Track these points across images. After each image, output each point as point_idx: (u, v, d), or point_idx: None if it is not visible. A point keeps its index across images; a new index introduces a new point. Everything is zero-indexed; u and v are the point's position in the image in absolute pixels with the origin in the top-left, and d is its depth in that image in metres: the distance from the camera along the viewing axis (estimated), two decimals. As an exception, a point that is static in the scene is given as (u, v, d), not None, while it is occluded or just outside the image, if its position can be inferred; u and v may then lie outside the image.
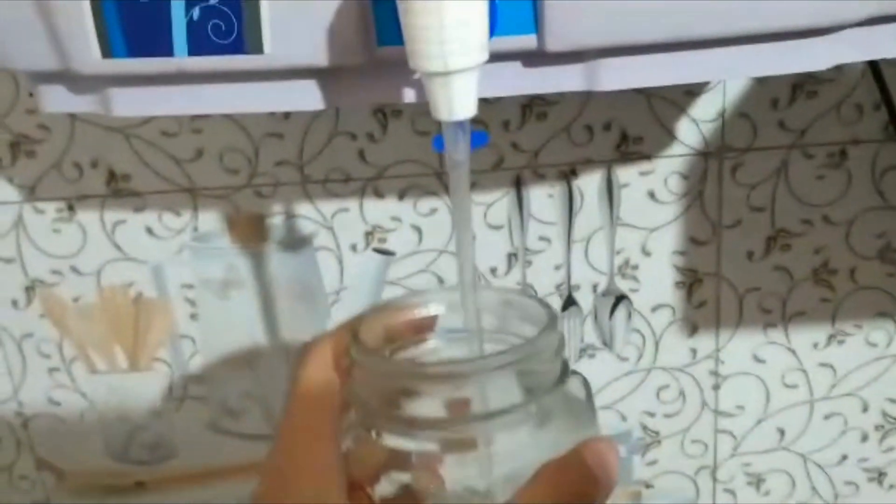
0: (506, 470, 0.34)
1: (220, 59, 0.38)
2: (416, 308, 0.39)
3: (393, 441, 0.34)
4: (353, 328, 0.36)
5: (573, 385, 0.38)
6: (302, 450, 0.35)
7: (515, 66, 0.40)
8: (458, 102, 0.33)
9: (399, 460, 0.35)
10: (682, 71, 0.41)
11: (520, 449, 0.34)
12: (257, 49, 0.38)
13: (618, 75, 0.40)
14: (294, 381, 0.36)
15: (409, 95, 0.40)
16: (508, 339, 0.38)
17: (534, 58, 0.39)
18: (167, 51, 0.38)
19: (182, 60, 0.38)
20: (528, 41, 0.38)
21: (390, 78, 0.39)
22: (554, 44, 0.38)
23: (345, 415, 0.36)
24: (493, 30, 0.37)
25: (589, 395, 0.38)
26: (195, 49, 0.38)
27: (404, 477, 0.35)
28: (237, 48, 0.38)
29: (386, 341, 0.38)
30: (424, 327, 0.39)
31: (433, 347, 0.39)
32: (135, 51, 0.38)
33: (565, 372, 0.35)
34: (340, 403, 0.36)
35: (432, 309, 0.39)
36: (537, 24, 0.38)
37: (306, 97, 0.40)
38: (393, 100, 0.40)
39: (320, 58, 0.38)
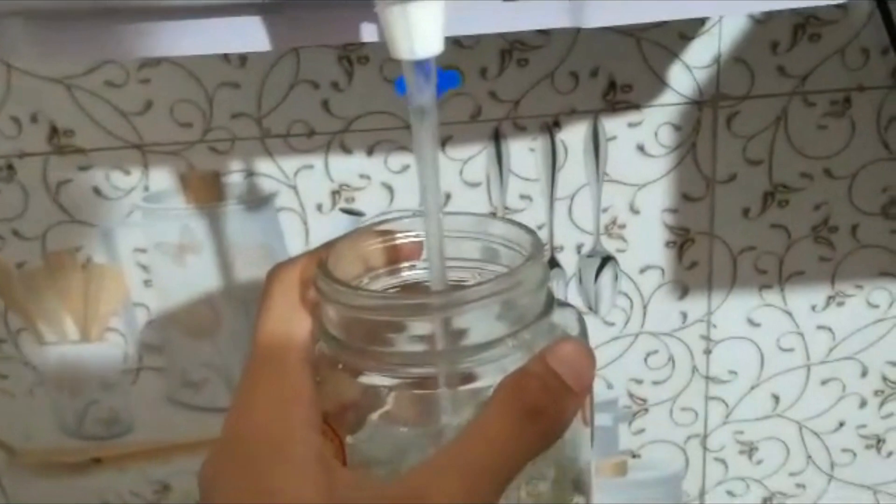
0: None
1: (146, -9, 0.33)
2: (398, 233, 0.36)
3: (364, 378, 0.32)
4: (320, 256, 0.33)
5: (567, 318, 0.35)
6: (269, 382, 0.32)
7: (493, 2, 0.35)
8: (419, 37, 0.28)
9: (371, 398, 0.33)
10: (677, 5, 0.36)
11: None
12: (189, -21, 0.32)
13: (606, 10, 0.35)
14: (258, 312, 0.33)
15: (370, 34, 0.35)
16: (491, 268, 0.36)
17: (511, -10, 0.34)
18: (85, -18, 0.33)
19: (103, -6, 0.33)
20: (503, -31, 0.33)
21: (347, 13, 0.34)
22: (533, -28, 0.33)
23: (314, 347, 0.33)
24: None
25: (583, 329, 0.35)
26: (117, -20, 0.33)
27: (376, 415, 0.33)
28: (165, -22, 0.32)
29: (365, 269, 0.36)
30: (408, 253, 0.36)
31: (419, 275, 0.37)
32: (48, -17, 0.33)
33: (550, 304, 0.33)
34: (310, 336, 0.33)
35: (416, 234, 0.36)
36: (514, -51, 0.33)
37: (250, 37, 0.35)
38: (347, 39, 0.35)
39: (262, -10, 0.33)
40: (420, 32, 0.28)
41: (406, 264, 0.37)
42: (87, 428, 0.66)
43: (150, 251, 0.61)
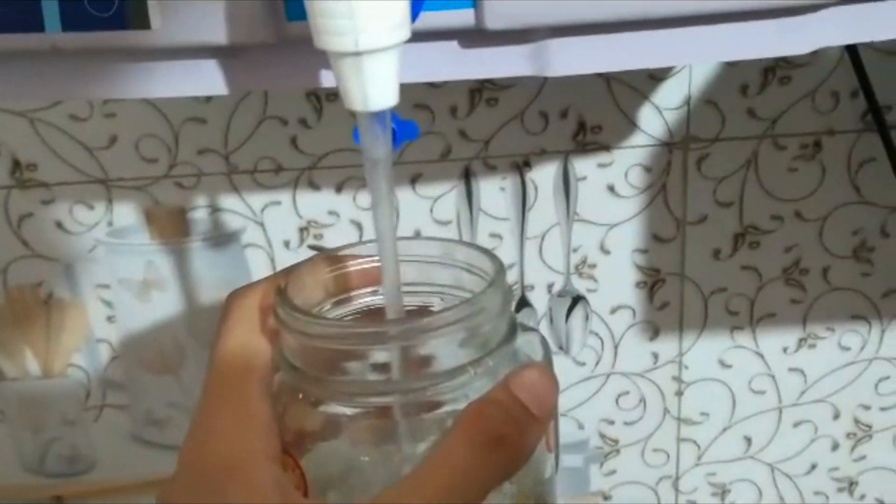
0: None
1: (99, 35, 0.32)
2: (359, 258, 0.35)
3: (324, 407, 0.31)
4: (279, 283, 0.32)
5: (531, 343, 0.35)
6: (227, 410, 0.31)
7: (451, 47, 0.34)
8: (373, 89, 0.27)
9: (331, 427, 0.32)
10: (643, 55, 0.36)
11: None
12: (142, 24, 0.32)
13: (570, 59, 0.35)
14: (216, 337, 0.32)
15: (328, 79, 0.34)
16: (455, 293, 0.35)
17: (473, 37, 0.34)
18: (37, 25, 0.32)
19: (55, 36, 0.32)
20: (464, 17, 0.33)
21: (304, 59, 0.34)
22: (494, 21, 0.32)
23: (273, 375, 0.33)
24: (422, 3, 0.31)
25: (547, 354, 0.35)
26: (70, 24, 0.32)
27: (337, 444, 0.32)
28: (118, 23, 0.32)
29: (326, 294, 0.35)
30: (370, 278, 0.35)
31: (381, 300, 0.35)
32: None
33: (513, 329, 0.32)
34: (269, 364, 0.32)
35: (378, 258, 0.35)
36: (474, -2, 0.32)
37: (206, 80, 0.34)
38: (308, 84, 0.34)
39: (219, 35, 0.32)
40: (374, 84, 0.27)
41: (368, 289, 0.36)
42: (48, 465, 0.65)
43: (114, 287, 0.60)
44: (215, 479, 0.29)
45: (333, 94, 0.55)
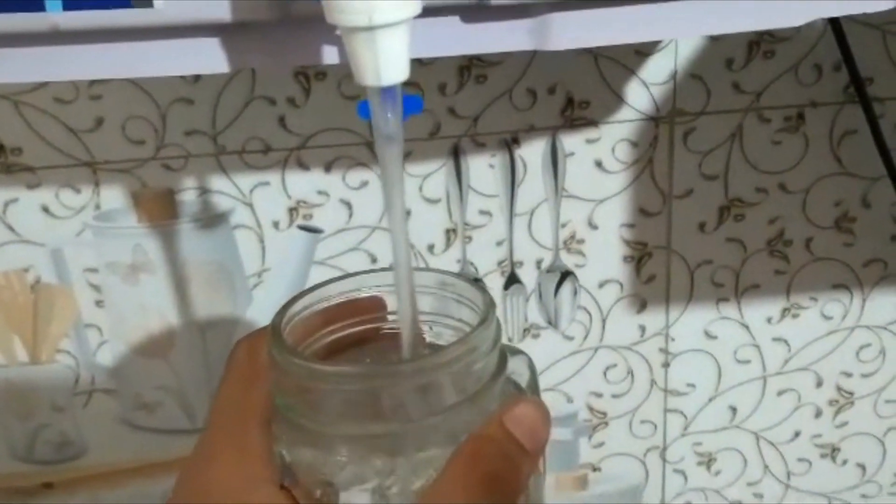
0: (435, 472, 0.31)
1: (101, 14, 0.32)
2: (353, 291, 0.35)
3: (313, 448, 0.31)
4: (273, 322, 0.32)
5: (517, 365, 0.35)
6: (226, 443, 0.31)
7: (453, 22, 0.35)
8: (386, 64, 0.27)
9: (327, 465, 0.31)
10: (637, 29, 0.36)
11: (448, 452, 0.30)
12: (145, 2, 0.32)
13: (569, 33, 0.35)
14: (221, 379, 0.33)
15: (331, 56, 0.35)
16: (445, 321, 0.35)
17: (474, 12, 0.34)
18: (38, 5, 0.32)
19: (56, 16, 0.32)
20: (467, -8, 0.33)
21: (308, 36, 0.34)
22: (497, -5, 0.33)
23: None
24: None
25: (533, 377, 0.35)
26: (71, 3, 0.32)
27: (334, 481, 0.31)
28: (121, 1, 0.32)
29: (324, 323, 0.34)
30: (366, 308, 0.35)
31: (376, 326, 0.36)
32: (-2, 4, 0.32)
33: (504, 363, 0.32)
34: (268, 401, 0.32)
35: (371, 290, 0.35)
36: (478, -28, 0.32)
37: (208, 59, 0.34)
38: (311, 61, 0.34)
39: (222, 12, 0.32)
40: (387, 59, 0.27)
41: (366, 317, 0.36)
42: (37, 452, 0.65)
43: (102, 271, 0.59)
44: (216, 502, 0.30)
45: (322, 73, 0.55)
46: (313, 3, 0.32)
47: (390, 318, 0.35)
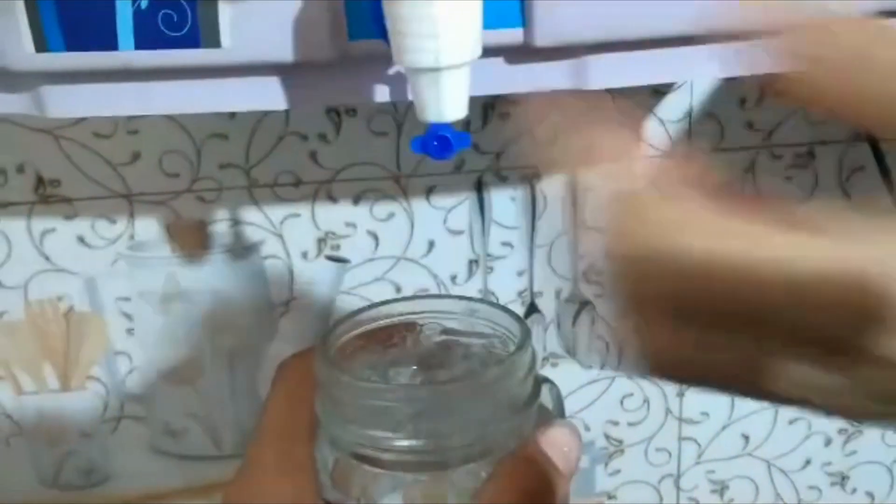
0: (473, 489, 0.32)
1: (171, 53, 0.34)
2: (398, 316, 0.36)
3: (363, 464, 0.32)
4: (322, 340, 0.33)
5: (545, 394, 0.35)
6: (273, 457, 0.33)
7: (498, 63, 0.37)
8: (448, 102, 0.29)
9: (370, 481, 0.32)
10: (674, 68, 0.38)
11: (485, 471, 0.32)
12: (214, 42, 0.34)
13: (607, 73, 0.37)
14: (267, 401, 0.34)
15: (383, 94, 0.37)
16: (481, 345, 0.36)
17: (519, 53, 0.36)
18: (111, 44, 0.34)
19: (128, 55, 0.34)
20: (514, 35, 0.35)
21: (361, 76, 0.36)
22: (543, 38, 0.35)
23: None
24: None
25: (558, 404, 0.36)
26: (143, 42, 0.34)
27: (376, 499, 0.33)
28: (191, 41, 0.34)
29: (367, 344, 0.36)
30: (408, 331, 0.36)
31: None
32: (73, 44, 0.34)
33: (538, 388, 0.34)
34: (313, 417, 0.33)
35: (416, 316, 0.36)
36: (525, 17, 0.35)
37: (268, 96, 0.36)
38: (364, 100, 0.36)
39: (284, 53, 0.34)
40: (449, 97, 0.29)
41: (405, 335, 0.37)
42: (65, 478, 0.66)
43: (134, 300, 0.61)
44: None
45: (352, 110, 0.57)
46: (369, 43, 0.34)
47: (427, 338, 0.37)
